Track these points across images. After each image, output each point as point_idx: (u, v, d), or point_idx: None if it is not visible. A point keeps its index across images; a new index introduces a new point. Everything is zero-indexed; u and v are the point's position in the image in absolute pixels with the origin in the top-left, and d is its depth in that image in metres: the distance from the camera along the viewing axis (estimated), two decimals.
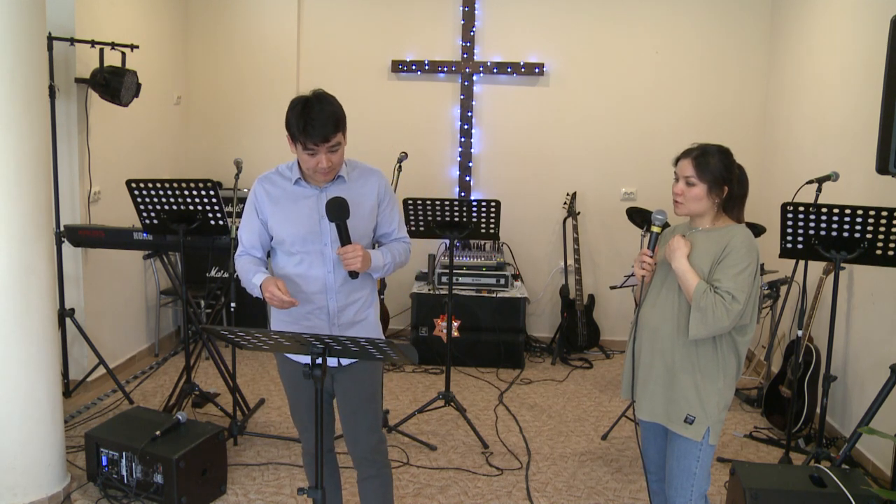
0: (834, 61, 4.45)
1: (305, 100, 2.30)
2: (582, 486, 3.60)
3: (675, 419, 2.43)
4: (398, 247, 2.59)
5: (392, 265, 2.53)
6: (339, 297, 2.47)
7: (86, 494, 3.31)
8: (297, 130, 2.28)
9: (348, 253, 2.33)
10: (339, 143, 2.33)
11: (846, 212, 3.20)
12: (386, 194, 2.56)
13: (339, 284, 2.45)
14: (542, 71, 5.66)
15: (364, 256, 2.36)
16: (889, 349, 3.64)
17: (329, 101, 2.31)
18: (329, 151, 2.31)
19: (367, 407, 2.55)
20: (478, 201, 4.11)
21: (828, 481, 2.90)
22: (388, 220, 2.58)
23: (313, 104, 2.28)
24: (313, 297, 2.46)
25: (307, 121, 2.26)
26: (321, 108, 2.27)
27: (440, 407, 4.35)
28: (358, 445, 2.57)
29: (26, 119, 2.99)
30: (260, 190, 2.50)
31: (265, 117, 5.81)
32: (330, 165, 2.34)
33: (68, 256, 4.35)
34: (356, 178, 2.50)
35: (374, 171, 2.56)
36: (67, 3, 4.23)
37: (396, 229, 2.61)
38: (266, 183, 2.50)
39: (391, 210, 2.58)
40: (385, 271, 2.52)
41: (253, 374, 5.00)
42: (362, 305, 2.53)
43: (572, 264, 5.58)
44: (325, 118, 2.26)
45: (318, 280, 2.44)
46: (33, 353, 3.08)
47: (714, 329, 2.32)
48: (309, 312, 2.47)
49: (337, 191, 2.43)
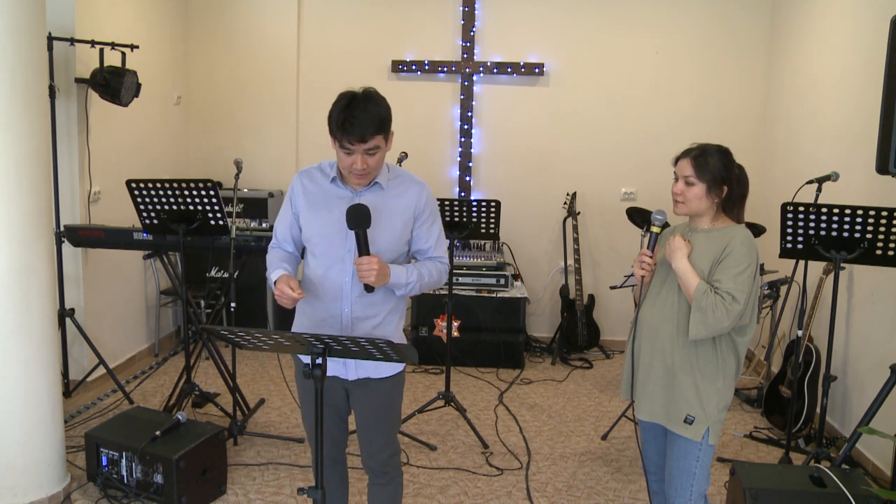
0: (834, 61, 4.45)
1: (352, 95, 2.21)
2: (582, 486, 3.60)
3: (675, 419, 2.43)
4: (430, 266, 2.41)
5: (417, 284, 2.35)
6: (355, 309, 2.35)
7: (86, 494, 3.31)
8: (335, 126, 2.19)
9: (363, 265, 2.21)
10: (378, 146, 2.23)
11: (846, 212, 3.20)
12: (426, 209, 2.41)
13: (356, 295, 2.34)
14: (542, 71, 5.66)
15: (380, 270, 2.22)
16: (889, 349, 3.64)
17: (376, 101, 2.22)
18: (366, 153, 2.21)
19: (385, 422, 2.48)
20: (478, 201, 4.12)
21: (828, 481, 2.90)
22: (426, 236, 2.42)
23: (359, 101, 2.19)
24: (329, 304, 2.37)
25: (347, 117, 2.16)
26: (365, 107, 2.17)
27: (440, 407, 4.35)
28: (372, 457, 2.51)
29: (26, 119, 2.99)
30: (297, 183, 2.42)
31: (265, 117, 5.82)
32: (365, 168, 2.23)
33: (68, 256, 4.35)
34: (395, 187, 2.38)
35: (416, 183, 2.42)
36: (67, 3, 4.23)
37: (433, 247, 2.44)
38: (305, 177, 2.42)
39: (430, 226, 2.43)
40: (409, 290, 2.35)
41: (253, 374, 5.00)
42: (381, 323, 2.38)
43: (572, 264, 5.58)
44: (367, 118, 2.16)
45: (335, 286, 2.35)
46: (33, 353, 3.08)
47: (714, 329, 2.32)
48: (323, 320, 2.39)
49: (372, 197, 2.33)
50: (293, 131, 5.84)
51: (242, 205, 5.43)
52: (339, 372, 2.40)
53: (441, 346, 4.89)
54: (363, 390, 2.42)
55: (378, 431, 2.48)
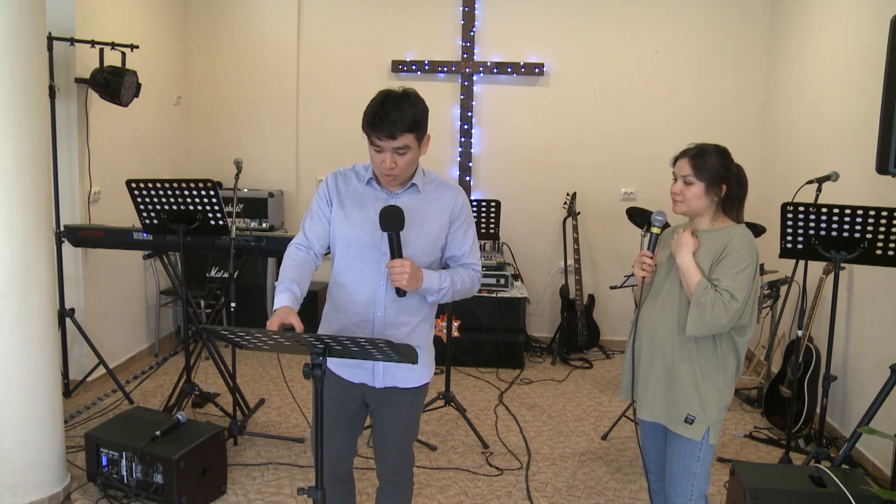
0: (834, 61, 4.45)
1: (388, 92, 2.18)
2: (582, 486, 3.60)
3: (676, 419, 2.43)
4: (463, 273, 2.36)
5: (450, 291, 2.29)
6: (388, 314, 2.30)
7: (86, 494, 3.31)
8: (367, 120, 2.17)
9: (395, 267, 2.16)
10: (408, 146, 2.18)
11: (846, 212, 3.20)
12: (461, 214, 2.36)
13: (390, 300, 2.29)
14: (542, 71, 5.66)
15: (413, 274, 2.17)
16: (889, 349, 3.64)
17: (412, 101, 2.18)
18: (396, 153, 2.18)
19: (404, 433, 2.45)
20: (478, 201, 4.13)
21: (828, 481, 2.90)
22: (460, 242, 2.37)
23: (393, 98, 2.16)
24: (361, 308, 2.31)
25: (378, 112, 2.14)
26: (398, 104, 2.15)
27: (440, 407, 4.35)
28: (385, 465, 2.49)
29: (26, 119, 2.99)
30: (332, 183, 2.36)
31: (265, 117, 5.82)
32: (394, 167, 2.19)
33: (68, 256, 4.35)
34: (431, 191, 2.34)
35: (452, 188, 2.38)
36: (67, 3, 4.23)
37: (467, 254, 2.39)
38: (340, 178, 2.37)
39: (465, 232, 2.38)
40: (441, 296, 2.30)
41: (253, 374, 5.00)
42: (412, 331, 2.34)
43: (572, 264, 5.58)
44: (398, 114, 2.13)
45: (368, 290, 2.30)
46: (33, 353, 3.08)
47: (712, 326, 2.32)
48: (354, 325, 2.33)
49: (409, 199, 2.29)
50: (293, 131, 5.84)
51: (242, 205, 5.42)
52: (366, 379, 2.36)
53: (441, 346, 4.88)
54: (387, 401, 2.39)
55: (396, 442, 2.45)
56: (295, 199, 5.84)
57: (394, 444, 2.45)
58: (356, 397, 2.41)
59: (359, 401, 2.43)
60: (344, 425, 2.43)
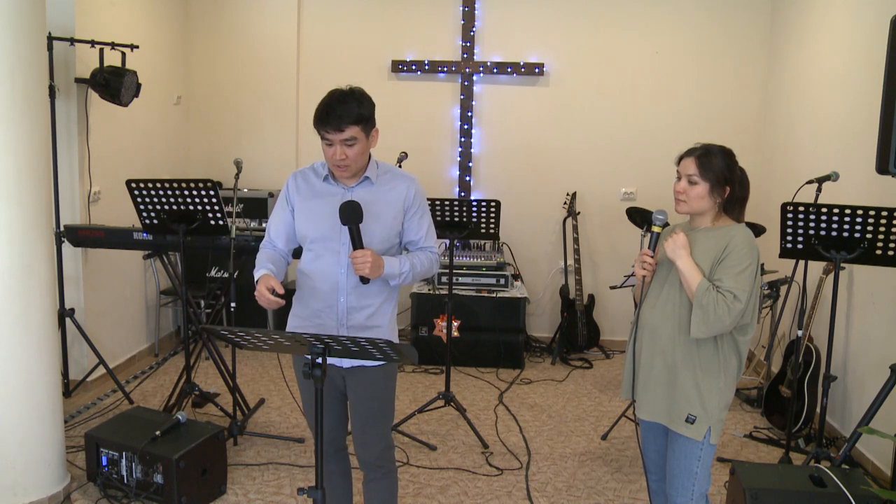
0: (834, 61, 4.45)
1: (334, 91, 2.35)
2: (582, 486, 3.60)
3: (677, 419, 2.42)
4: (422, 256, 2.54)
5: (410, 274, 2.48)
6: (351, 299, 2.45)
7: (86, 494, 3.31)
8: (316, 116, 2.34)
9: (357, 258, 2.33)
10: (356, 137, 2.34)
11: (846, 212, 3.20)
12: (415, 202, 2.52)
13: (352, 286, 2.45)
14: (542, 71, 5.66)
15: (374, 263, 2.34)
16: (889, 349, 3.64)
17: (357, 98, 2.34)
18: (344, 144, 2.34)
19: (378, 413, 2.54)
20: (478, 201, 4.12)
21: (828, 481, 2.90)
22: (416, 228, 2.54)
23: (338, 95, 2.33)
24: (325, 295, 2.46)
25: (324, 107, 2.31)
26: (343, 99, 2.31)
27: (440, 407, 4.35)
28: (365, 450, 2.57)
29: (26, 119, 2.99)
30: (291, 183, 2.54)
31: (265, 117, 5.82)
32: (344, 158, 2.36)
33: (68, 256, 4.35)
34: (385, 182, 2.50)
35: (405, 177, 2.54)
36: (67, 3, 4.23)
37: (424, 237, 2.57)
38: (299, 177, 2.55)
39: (420, 218, 2.55)
40: (402, 280, 2.47)
41: (253, 374, 5.00)
42: (375, 312, 2.49)
43: (572, 264, 5.58)
44: (343, 109, 2.30)
45: (331, 279, 2.45)
46: (33, 353, 3.08)
47: (715, 328, 2.32)
48: (320, 311, 2.48)
49: (363, 192, 2.45)
50: (293, 131, 5.84)
51: (242, 205, 5.43)
52: (333, 360, 2.46)
53: (441, 346, 4.89)
54: (358, 380, 2.50)
55: (372, 422, 2.53)
56: None
57: (370, 424, 2.53)
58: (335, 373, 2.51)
59: (339, 376, 2.53)
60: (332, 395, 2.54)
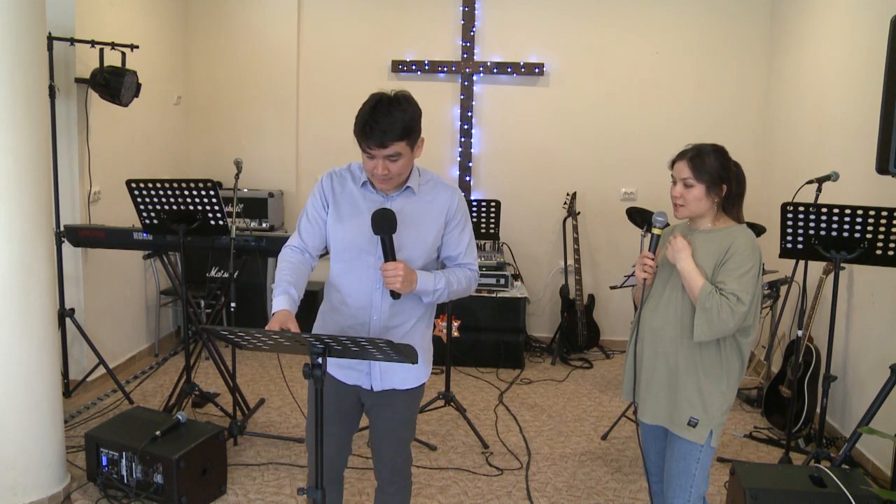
0: (834, 61, 4.45)
1: (379, 98, 2.14)
2: (582, 486, 3.60)
3: (679, 422, 2.41)
4: (459, 273, 2.34)
5: (446, 292, 2.28)
6: (383, 318, 2.29)
7: (86, 494, 3.31)
8: (357, 128, 2.13)
9: (388, 270, 2.16)
10: (400, 153, 2.14)
11: (846, 212, 3.20)
12: (457, 214, 2.34)
13: (385, 304, 2.28)
14: (542, 71, 5.66)
15: (406, 276, 2.16)
16: (889, 349, 3.64)
17: (403, 107, 2.13)
18: (388, 159, 2.14)
19: (402, 431, 2.44)
20: (478, 201, 4.13)
21: (828, 481, 2.90)
22: (455, 242, 2.35)
23: (384, 105, 2.11)
24: (356, 312, 2.31)
25: (367, 121, 2.10)
26: (389, 112, 2.10)
27: (440, 407, 4.35)
28: (384, 465, 2.47)
29: (26, 119, 2.98)
30: (327, 184, 2.34)
31: (265, 117, 5.82)
32: (386, 174, 2.16)
33: (68, 256, 4.35)
34: (427, 192, 2.32)
35: (447, 188, 2.35)
36: (67, 3, 4.23)
37: (463, 254, 2.37)
38: (335, 179, 2.34)
39: (461, 232, 2.36)
40: (437, 297, 2.29)
41: (253, 374, 5.00)
42: (408, 332, 2.33)
43: (572, 264, 5.58)
44: (388, 123, 2.09)
45: (363, 294, 2.29)
46: (33, 353, 3.08)
47: (719, 331, 2.30)
48: (349, 327, 2.32)
49: (404, 202, 2.28)
50: (293, 131, 5.84)
51: (242, 205, 5.43)
52: (362, 382, 2.36)
53: (441, 346, 4.88)
54: (385, 402, 2.38)
55: (394, 442, 2.44)
56: (295, 199, 5.84)
57: (391, 444, 2.44)
58: (350, 394, 2.40)
59: (353, 398, 2.42)
60: (338, 423, 2.42)
